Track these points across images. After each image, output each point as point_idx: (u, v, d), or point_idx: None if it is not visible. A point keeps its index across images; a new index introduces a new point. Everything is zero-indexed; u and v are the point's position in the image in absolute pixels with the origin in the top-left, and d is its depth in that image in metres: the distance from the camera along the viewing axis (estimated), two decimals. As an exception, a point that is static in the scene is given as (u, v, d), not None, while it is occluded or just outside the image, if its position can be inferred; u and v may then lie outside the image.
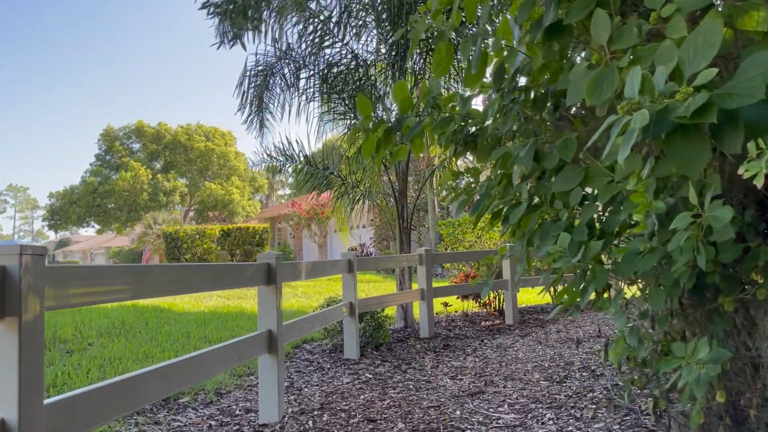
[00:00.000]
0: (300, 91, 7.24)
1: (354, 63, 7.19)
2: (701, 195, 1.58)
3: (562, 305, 2.41)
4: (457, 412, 3.72)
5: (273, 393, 3.67)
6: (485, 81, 2.45)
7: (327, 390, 4.36)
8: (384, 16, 6.73)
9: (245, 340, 3.45)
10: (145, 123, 43.97)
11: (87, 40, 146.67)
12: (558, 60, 1.97)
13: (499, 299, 8.09)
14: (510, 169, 2.36)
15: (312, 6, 6.92)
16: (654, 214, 1.70)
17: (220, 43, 6.41)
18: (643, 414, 3.30)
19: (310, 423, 3.59)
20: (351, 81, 7.15)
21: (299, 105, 7.25)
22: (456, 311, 8.45)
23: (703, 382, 1.65)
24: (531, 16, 2.03)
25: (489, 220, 2.60)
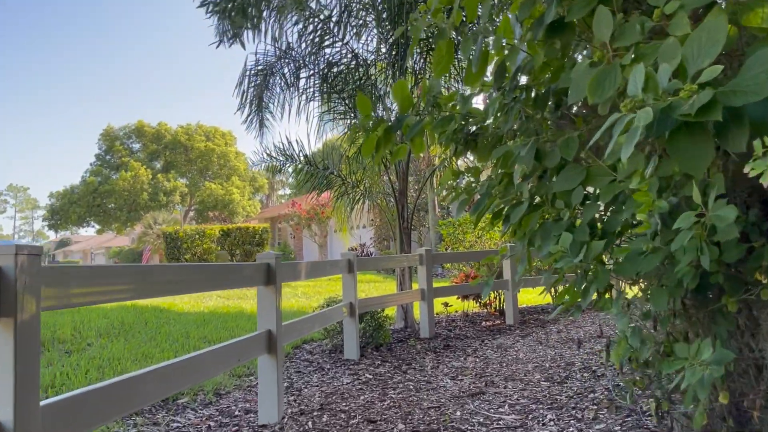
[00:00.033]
0: (300, 91, 7.22)
1: (354, 62, 7.17)
2: (705, 194, 1.56)
3: (563, 305, 2.39)
4: (458, 412, 3.71)
5: (272, 394, 3.65)
6: (486, 80, 2.43)
7: (327, 390, 4.35)
8: (384, 15, 6.72)
9: (244, 340, 3.43)
10: (146, 123, 43.96)
11: (87, 39, 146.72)
12: (560, 58, 1.95)
13: (500, 299, 8.07)
14: (511, 169, 2.34)
15: (312, 5, 6.91)
16: (657, 213, 1.68)
17: (219, 42, 6.39)
18: (645, 415, 3.28)
19: (309, 424, 3.57)
20: (351, 80, 7.13)
21: (299, 104, 7.24)
22: (456, 311, 8.43)
23: (707, 383, 1.63)
24: (532, 14, 2.01)
25: (490, 220, 2.58)
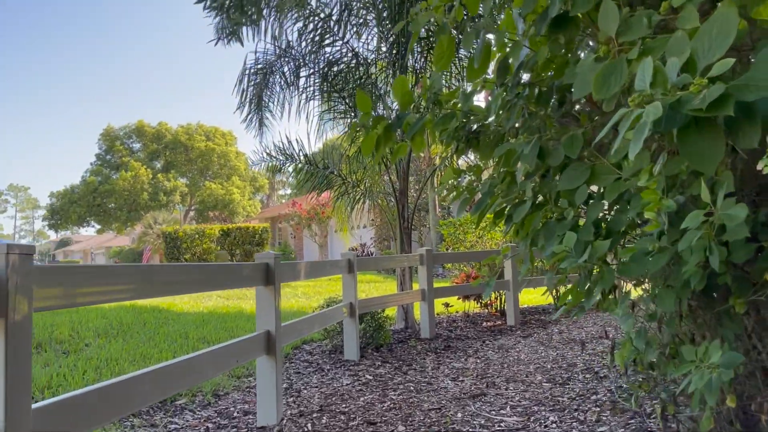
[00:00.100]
0: (300, 90, 7.18)
1: (354, 61, 7.13)
2: (712, 192, 1.52)
3: (566, 306, 2.35)
4: (459, 414, 3.66)
5: (271, 395, 3.60)
6: (488, 77, 2.39)
7: (326, 392, 4.30)
8: (385, 14, 6.67)
9: (243, 341, 3.38)
10: (146, 122, 43.95)
11: (87, 39, 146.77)
12: (564, 53, 1.91)
13: (501, 300, 8.02)
14: (513, 167, 2.30)
15: (312, 3, 6.87)
16: (664, 212, 1.64)
17: (217, 40, 6.35)
18: (649, 417, 3.23)
19: (308, 426, 3.53)
20: (351, 79, 7.09)
21: (299, 104, 7.19)
22: (457, 312, 8.39)
23: (715, 387, 1.59)
24: (535, 9, 1.97)
25: (491, 219, 2.54)
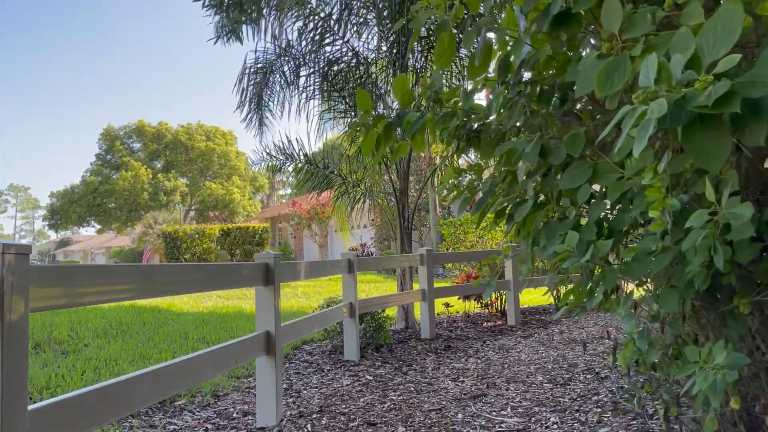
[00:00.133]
0: (300, 89, 7.16)
1: (355, 61, 7.11)
2: (717, 191, 1.50)
3: (567, 306, 2.33)
4: (459, 415, 3.64)
5: (271, 396, 3.58)
6: (489, 75, 2.36)
7: (326, 392, 4.28)
8: (385, 13, 6.66)
9: (242, 341, 3.36)
10: (146, 122, 43.94)
11: (87, 40, 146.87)
12: (566, 51, 1.89)
13: (501, 300, 8.00)
14: (515, 166, 2.28)
15: (312, 2, 6.85)
16: (667, 211, 1.62)
17: (217, 38, 6.33)
18: (651, 418, 3.21)
19: (308, 427, 3.51)
20: (352, 79, 7.06)
21: (299, 103, 7.17)
22: (457, 312, 8.37)
23: (720, 388, 1.57)
24: (537, 5, 1.95)
25: (492, 219, 2.52)
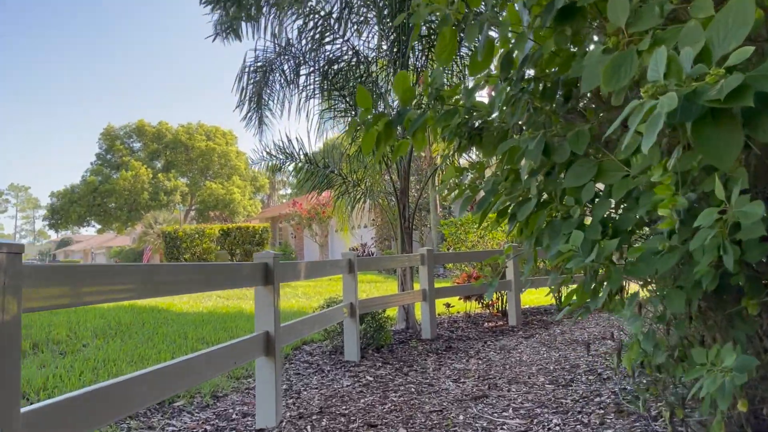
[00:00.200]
0: (300, 88, 7.12)
1: (355, 60, 7.07)
2: (726, 189, 1.46)
3: (570, 307, 2.29)
4: (460, 416, 3.61)
5: (270, 397, 3.55)
6: (491, 73, 2.32)
7: (326, 393, 4.25)
8: (386, 12, 6.62)
9: (241, 342, 3.32)
10: (146, 122, 43.92)
11: (87, 39, 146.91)
12: (571, 45, 1.85)
13: (502, 300, 7.96)
14: (517, 164, 2.24)
15: (312, 1, 6.81)
16: (675, 210, 1.58)
17: (215, 35, 6.28)
18: (654, 420, 3.17)
19: (308, 428, 3.48)
20: (352, 78, 7.03)
21: (299, 102, 7.13)
22: (458, 312, 8.33)
23: (728, 391, 1.53)
24: (539, 1, 1.91)
25: (494, 218, 2.48)
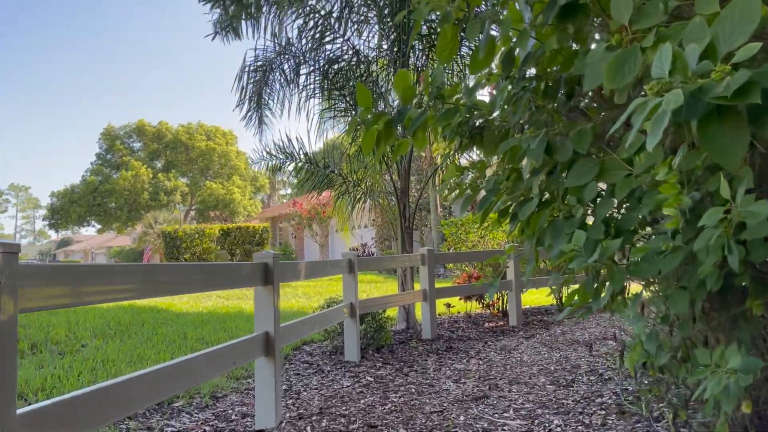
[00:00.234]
0: (300, 88, 7.09)
1: (355, 59, 7.05)
2: (731, 188, 1.44)
3: (572, 307, 2.27)
4: (461, 417, 3.59)
5: (270, 397, 3.53)
6: (492, 71, 2.30)
7: (326, 394, 4.23)
8: (386, 11, 6.60)
9: (240, 342, 3.31)
10: (146, 122, 43.90)
11: (87, 39, 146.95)
12: (573, 43, 1.83)
13: (503, 300, 7.94)
14: (519, 163, 2.22)
15: (312, 0, 6.79)
16: (679, 210, 1.56)
17: (215, 34, 6.25)
18: (656, 421, 3.15)
19: (308, 429, 3.46)
20: (352, 77, 7.00)
21: (299, 101, 7.11)
22: (459, 312, 8.31)
23: (733, 393, 1.51)
24: (542, -2, 1.89)
25: (495, 218, 2.46)
